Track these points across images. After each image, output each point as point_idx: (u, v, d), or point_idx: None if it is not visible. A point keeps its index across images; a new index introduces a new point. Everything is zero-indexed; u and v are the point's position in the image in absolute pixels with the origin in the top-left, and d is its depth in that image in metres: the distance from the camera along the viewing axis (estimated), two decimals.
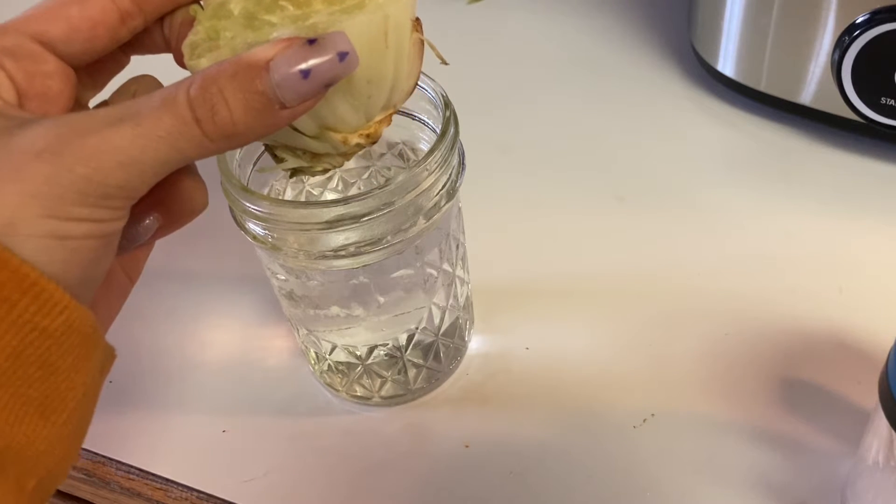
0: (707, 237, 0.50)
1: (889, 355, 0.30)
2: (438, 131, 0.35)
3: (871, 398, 0.32)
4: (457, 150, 0.36)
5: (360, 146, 0.30)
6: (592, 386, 0.43)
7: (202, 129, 0.25)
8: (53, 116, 0.25)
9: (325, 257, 0.35)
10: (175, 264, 0.50)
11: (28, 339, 0.24)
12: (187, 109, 0.25)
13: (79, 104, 0.30)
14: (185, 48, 0.28)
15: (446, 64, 0.32)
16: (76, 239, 0.24)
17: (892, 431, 0.30)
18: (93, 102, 0.32)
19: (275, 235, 0.35)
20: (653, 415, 0.41)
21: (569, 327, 0.46)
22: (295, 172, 0.32)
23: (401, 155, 0.41)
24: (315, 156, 0.31)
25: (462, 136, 0.37)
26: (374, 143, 0.30)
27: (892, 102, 0.48)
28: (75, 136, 0.24)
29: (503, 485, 0.40)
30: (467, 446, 0.41)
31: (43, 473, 0.25)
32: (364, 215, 0.33)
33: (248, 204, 0.34)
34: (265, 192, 0.39)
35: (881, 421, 0.31)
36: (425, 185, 0.34)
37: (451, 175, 0.36)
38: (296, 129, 0.29)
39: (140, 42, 0.31)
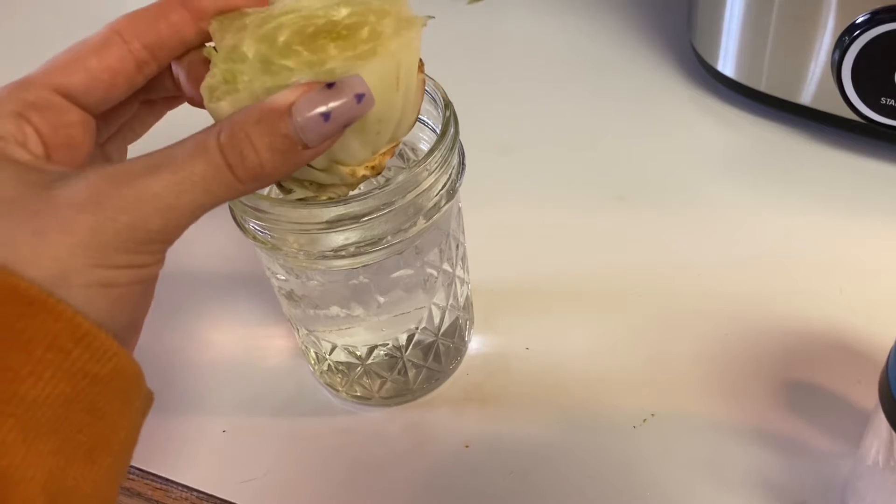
0: (707, 237, 0.50)
1: (889, 356, 0.30)
2: (438, 131, 0.35)
3: (871, 398, 0.32)
4: (457, 150, 0.36)
5: (365, 177, 0.31)
6: (592, 386, 0.43)
7: (234, 173, 0.26)
8: (91, 168, 0.26)
9: (325, 257, 0.35)
10: (175, 264, 0.50)
11: (80, 387, 0.25)
12: (219, 155, 0.26)
13: (97, 148, 0.31)
14: (204, 91, 0.29)
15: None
16: (121, 286, 0.26)
17: (892, 432, 0.30)
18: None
19: (275, 235, 0.35)
20: (653, 415, 0.41)
21: (569, 327, 0.46)
22: (302, 201, 0.33)
23: (401, 155, 0.41)
24: (321, 186, 0.32)
25: (462, 136, 0.37)
26: (378, 174, 0.32)
27: (892, 102, 0.48)
28: (115, 186, 0.25)
29: (503, 485, 0.40)
30: (467, 446, 0.41)
31: None
32: (364, 215, 0.33)
33: (248, 204, 0.34)
34: (265, 192, 0.39)
35: (881, 421, 0.31)
36: (425, 185, 0.34)
37: (451, 175, 0.36)
38: (307, 164, 0.30)
39: (151, 87, 0.32)
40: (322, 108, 0.27)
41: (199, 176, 0.26)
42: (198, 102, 0.30)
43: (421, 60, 0.31)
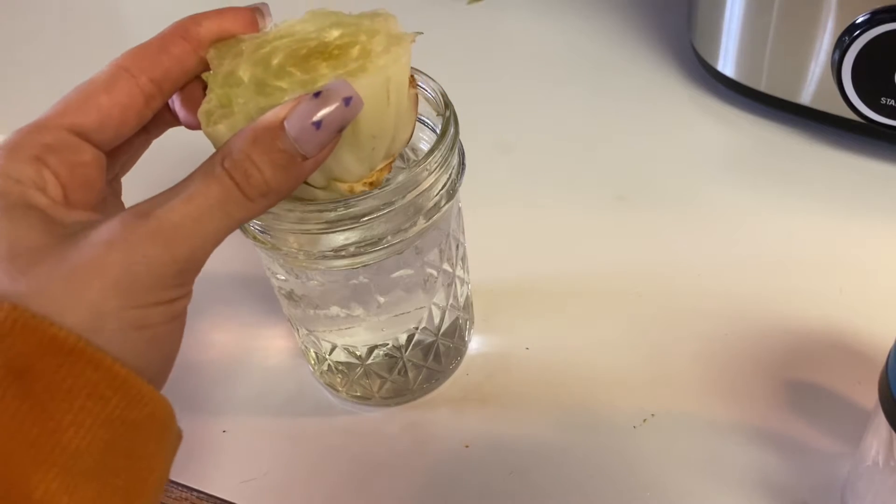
0: (707, 237, 0.50)
1: (889, 356, 0.30)
2: (438, 131, 0.35)
3: (871, 398, 0.32)
4: (457, 150, 0.36)
5: (363, 193, 0.32)
6: (592, 386, 0.43)
7: (242, 192, 0.27)
8: (112, 214, 0.27)
9: (325, 257, 0.35)
10: None
11: (118, 433, 0.25)
12: (226, 178, 0.27)
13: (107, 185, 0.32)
14: (202, 116, 0.30)
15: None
16: (155, 326, 0.26)
17: (892, 432, 0.30)
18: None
19: (275, 235, 0.35)
20: (653, 415, 0.41)
21: (569, 327, 0.46)
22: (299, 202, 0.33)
23: (401, 155, 0.41)
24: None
25: (462, 136, 0.37)
26: (377, 187, 0.32)
27: (892, 102, 0.48)
28: (139, 222, 0.26)
29: (503, 485, 0.40)
30: (467, 446, 0.41)
31: None
32: (364, 215, 0.33)
33: None
34: None
35: (881, 421, 0.31)
36: (425, 185, 0.34)
37: (451, 175, 0.36)
38: (306, 182, 0.31)
39: (155, 121, 0.32)
40: (312, 118, 0.27)
41: (214, 199, 0.27)
42: (194, 126, 0.31)
43: (413, 76, 0.32)
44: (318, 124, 0.27)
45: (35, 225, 0.26)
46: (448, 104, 0.36)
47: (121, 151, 0.32)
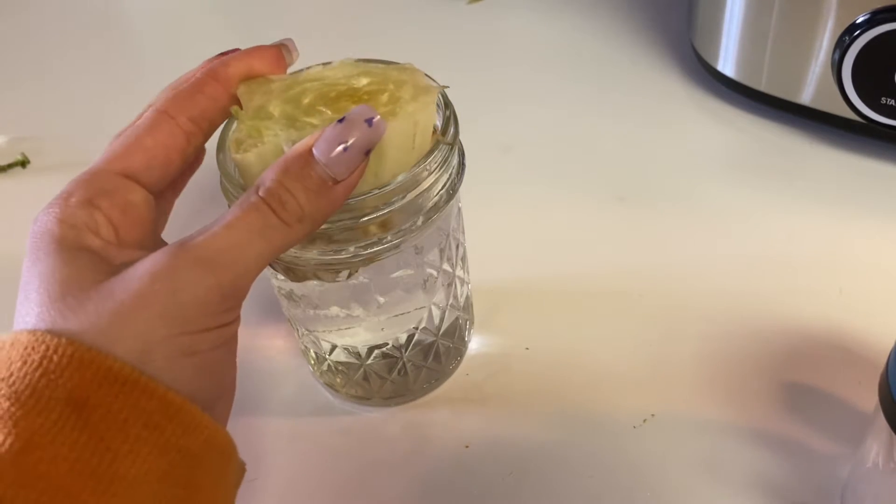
0: (707, 237, 0.50)
1: (889, 357, 0.30)
2: (438, 131, 0.35)
3: (871, 400, 0.32)
4: (457, 150, 0.36)
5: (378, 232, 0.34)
6: (592, 386, 0.43)
7: (280, 218, 0.28)
8: (157, 249, 0.28)
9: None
10: None
11: (174, 462, 0.26)
12: (263, 205, 0.28)
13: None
14: (231, 144, 0.31)
15: (448, 144, 0.35)
16: (204, 353, 0.27)
17: (892, 434, 0.30)
18: None
19: None
20: (653, 415, 0.41)
21: (569, 327, 0.46)
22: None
23: None
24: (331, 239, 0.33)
25: (462, 136, 0.37)
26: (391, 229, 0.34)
27: (892, 102, 0.48)
28: (182, 253, 0.27)
29: (503, 485, 0.40)
30: (467, 446, 0.41)
31: None
32: (364, 215, 0.33)
33: None
34: None
35: (881, 423, 0.31)
36: (425, 185, 0.34)
37: (451, 175, 0.36)
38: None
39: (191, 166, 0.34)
40: (340, 142, 0.29)
41: (254, 226, 0.28)
42: None
43: (435, 126, 0.34)
44: (345, 148, 0.29)
45: (86, 265, 0.27)
46: (448, 104, 0.36)
47: (167, 190, 0.33)
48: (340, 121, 0.29)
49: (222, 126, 0.34)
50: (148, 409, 0.25)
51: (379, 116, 0.29)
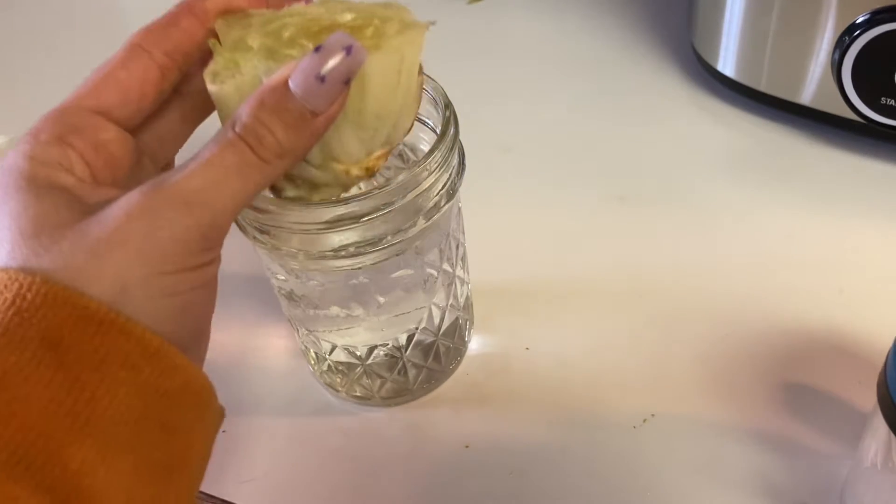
0: (707, 237, 0.50)
1: (887, 357, 0.30)
2: (438, 131, 0.35)
3: (870, 399, 0.32)
4: (457, 150, 0.36)
5: (359, 178, 0.32)
6: (592, 386, 0.43)
7: (257, 154, 0.27)
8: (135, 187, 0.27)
9: (324, 257, 0.35)
10: None
11: (151, 402, 0.25)
12: (240, 142, 0.27)
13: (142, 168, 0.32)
14: (207, 76, 0.30)
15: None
16: (183, 293, 0.26)
17: (891, 433, 0.30)
18: None
19: (275, 235, 0.35)
20: (653, 415, 0.41)
21: (569, 327, 0.46)
22: (295, 199, 0.33)
23: (401, 155, 0.41)
24: (314, 186, 0.32)
25: (462, 136, 0.37)
26: (371, 176, 0.32)
27: (892, 102, 0.48)
28: (158, 192, 0.26)
29: (503, 485, 0.40)
30: (467, 446, 0.41)
31: None
32: (364, 215, 0.33)
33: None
34: (265, 192, 0.39)
35: (879, 423, 0.31)
36: (425, 185, 0.34)
37: (451, 175, 0.36)
38: (303, 160, 0.31)
39: (192, 105, 0.33)
40: (316, 72, 0.27)
41: (230, 164, 0.27)
42: None
43: (420, 65, 0.32)
44: (322, 78, 0.27)
45: (60, 204, 0.26)
46: (448, 104, 0.36)
47: (158, 133, 0.32)
48: (317, 49, 0.27)
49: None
50: (125, 350, 0.25)
51: (359, 44, 0.28)
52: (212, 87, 0.30)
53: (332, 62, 0.27)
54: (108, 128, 0.29)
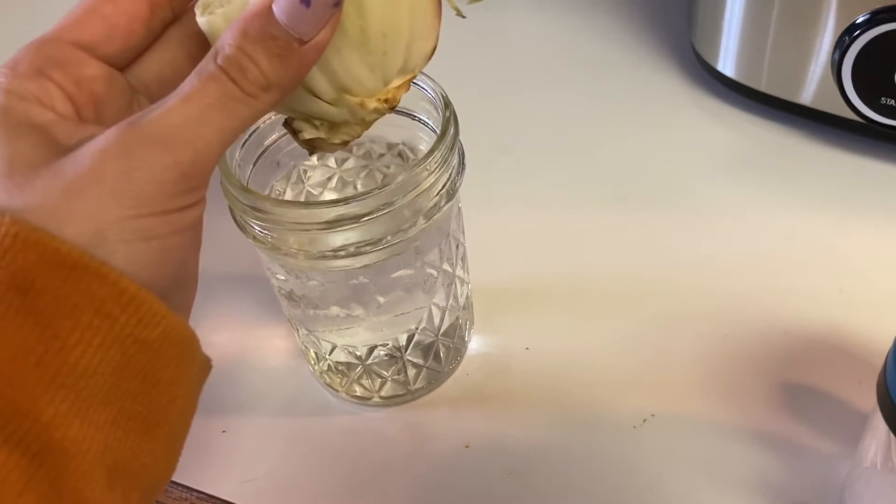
0: (707, 237, 0.50)
1: (887, 357, 0.30)
2: (438, 131, 0.35)
3: (870, 399, 0.32)
4: (457, 150, 0.36)
5: (378, 112, 0.29)
6: (592, 386, 0.43)
7: (241, 87, 0.25)
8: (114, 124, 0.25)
9: (324, 257, 0.35)
10: None
11: (130, 353, 0.24)
12: (222, 75, 0.25)
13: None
14: (198, 8, 0.28)
15: (463, 17, 0.31)
16: (162, 237, 0.25)
17: (890, 433, 0.30)
18: None
19: (275, 235, 0.35)
20: (653, 415, 0.41)
21: (569, 327, 0.46)
22: (314, 147, 0.31)
23: (401, 155, 0.41)
24: (333, 125, 0.30)
25: (462, 136, 0.37)
26: (392, 109, 0.30)
27: (892, 102, 0.48)
28: (136, 129, 0.24)
29: (503, 485, 0.40)
30: (467, 446, 0.41)
31: (146, 485, 0.26)
32: (364, 215, 0.33)
33: (248, 204, 0.34)
34: (265, 192, 0.39)
35: (879, 423, 0.31)
36: (425, 185, 0.34)
37: (451, 175, 0.36)
38: (314, 95, 0.29)
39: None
40: None
41: (212, 97, 0.25)
42: None
43: None
44: (307, 1, 0.25)
45: (36, 142, 0.25)
46: (448, 104, 0.36)
47: (157, 71, 0.30)
48: None
49: None
50: (99, 296, 0.23)
51: None
52: (201, 20, 0.28)
53: None
54: (92, 63, 0.28)
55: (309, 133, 0.30)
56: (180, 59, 0.30)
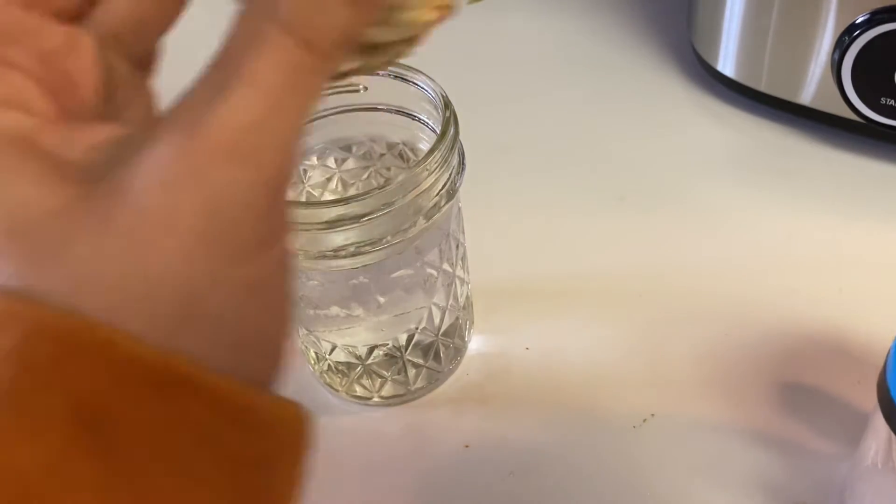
0: (707, 237, 0.50)
1: (888, 357, 0.30)
2: (438, 131, 0.35)
3: (870, 399, 0.32)
4: (457, 150, 0.36)
5: (430, 24, 0.24)
6: (592, 386, 0.43)
7: (314, 51, 0.18)
8: (144, 134, 0.17)
9: (324, 257, 0.35)
10: None
11: (243, 479, 0.19)
12: (289, 38, 0.17)
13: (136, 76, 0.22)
14: None
15: None
16: (268, 286, 0.19)
17: (891, 433, 0.30)
18: None
19: None
20: (653, 415, 0.41)
21: (569, 327, 0.46)
22: (348, 76, 0.24)
23: (401, 155, 0.41)
24: (373, 48, 0.24)
25: (462, 136, 0.37)
26: (450, 15, 0.25)
27: (892, 102, 0.48)
28: (195, 139, 0.17)
29: (503, 485, 0.40)
30: (467, 446, 0.41)
31: None
32: (364, 215, 0.33)
33: None
34: None
35: (880, 422, 0.31)
36: (425, 185, 0.34)
37: (451, 175, 0.36)
38: None
39: None
40: None
41: (283, 75, 0.17)
42: None
43: None
44: None
45: (35, 175, 0.17)
46: (448, 104, 0.36)
47: (126, 10, 0.21)
48: None
49: None
50: (204, 418, 0.17)
51: None
52: None
53: None
54: (52, 28, 0.19)
55: (345, 64, 0.24)
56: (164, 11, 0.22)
